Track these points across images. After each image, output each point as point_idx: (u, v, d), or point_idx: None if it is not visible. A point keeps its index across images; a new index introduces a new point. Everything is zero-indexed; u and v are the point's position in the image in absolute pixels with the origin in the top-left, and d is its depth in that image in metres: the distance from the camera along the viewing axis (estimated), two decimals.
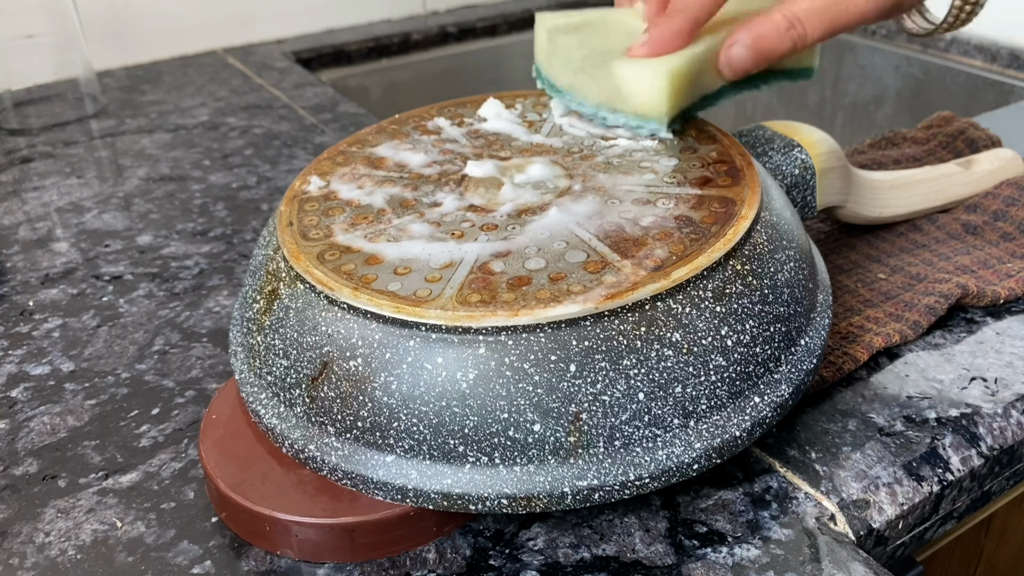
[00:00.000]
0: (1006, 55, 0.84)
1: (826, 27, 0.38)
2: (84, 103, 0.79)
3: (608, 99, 0.40)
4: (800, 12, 0.38)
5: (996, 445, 0.38)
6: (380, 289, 0.32)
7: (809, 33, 0.38)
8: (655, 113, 0.39)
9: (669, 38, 0.38)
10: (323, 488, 0.33)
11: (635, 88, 0.39)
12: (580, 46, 0.41)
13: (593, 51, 0.41)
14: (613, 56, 0.40)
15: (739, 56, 0.39)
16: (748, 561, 0.32)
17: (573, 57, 0.41)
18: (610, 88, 0.40)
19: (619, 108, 0.40)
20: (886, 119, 0.96)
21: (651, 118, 0.39)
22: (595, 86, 0.41)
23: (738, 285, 0.32)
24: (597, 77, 0.40)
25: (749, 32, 0.39)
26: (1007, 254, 0.49)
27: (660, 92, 0.38)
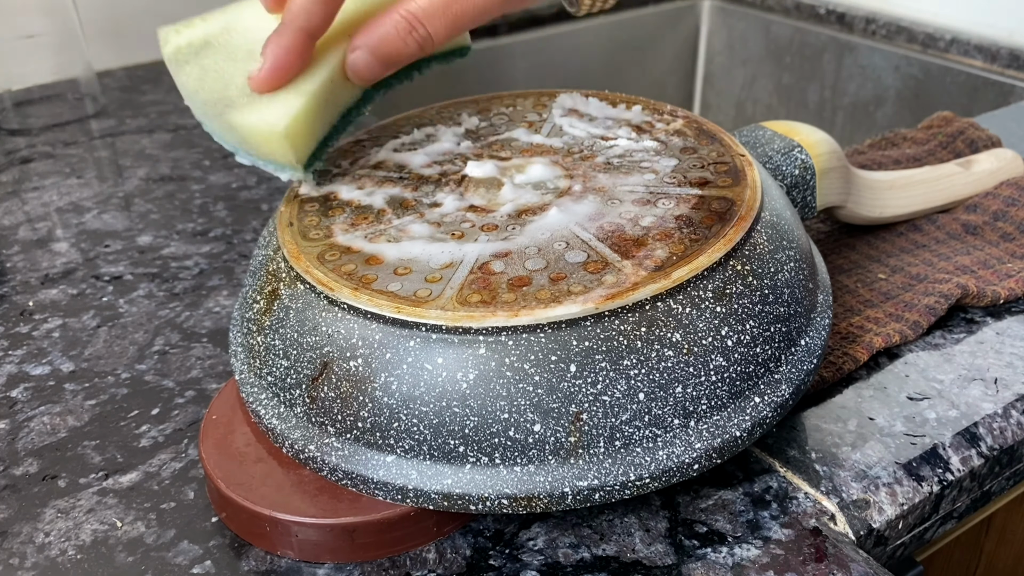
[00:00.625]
0: (1006, 55, 0.84)
1: (450, 25, 0.36)
2: (84, 103, 0.79)
3: (241, 144, 0.38)
4: (419, 12, 0.35)
5: (996, 445, 0.38)
6: (380, 289, 0.32)
7: (432, 33, 0.36)
8: (287, 161, 0.37)
9: (285, 60, 0.35)
10: (323, 488, 0.33)
11: (260, 140, 0.36)
12: (200, 85, 0.38)
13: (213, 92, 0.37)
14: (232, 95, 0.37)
15: (363, 63, 0.36)
16: (748, 561, 0.32)
17: (195, 100, 0.38)
18: (238, 136, 0.37)
19: (253, 153, 0.38)
20: (886, 119, 0.96)
21: (286, 164, 0.37)
22: (224, 131, 0.38)
23: (738, 285, 0.32)
24: (222, 125, 0.37)
25: (369, 36, 0.36)
26: (1007, 254, 0.49)
27: (284, 144, 0.36)
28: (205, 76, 0.38)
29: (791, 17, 1.04)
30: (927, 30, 0.90)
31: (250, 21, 0.39)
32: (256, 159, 0.38)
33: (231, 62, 0.38)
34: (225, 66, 0.38)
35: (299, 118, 0.36)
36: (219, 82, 0.37)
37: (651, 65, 1.15)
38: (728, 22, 1.12)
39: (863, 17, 0.95)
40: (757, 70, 1.09)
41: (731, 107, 1.15)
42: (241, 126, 0.36)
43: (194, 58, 0.38)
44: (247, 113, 0.36)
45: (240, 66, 0.37)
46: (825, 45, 1.00)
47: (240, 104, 0.36)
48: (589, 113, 0.44)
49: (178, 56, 0.38)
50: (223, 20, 0.39)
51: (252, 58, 0.37)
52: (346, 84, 0.38)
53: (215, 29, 0.39)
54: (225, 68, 0.38)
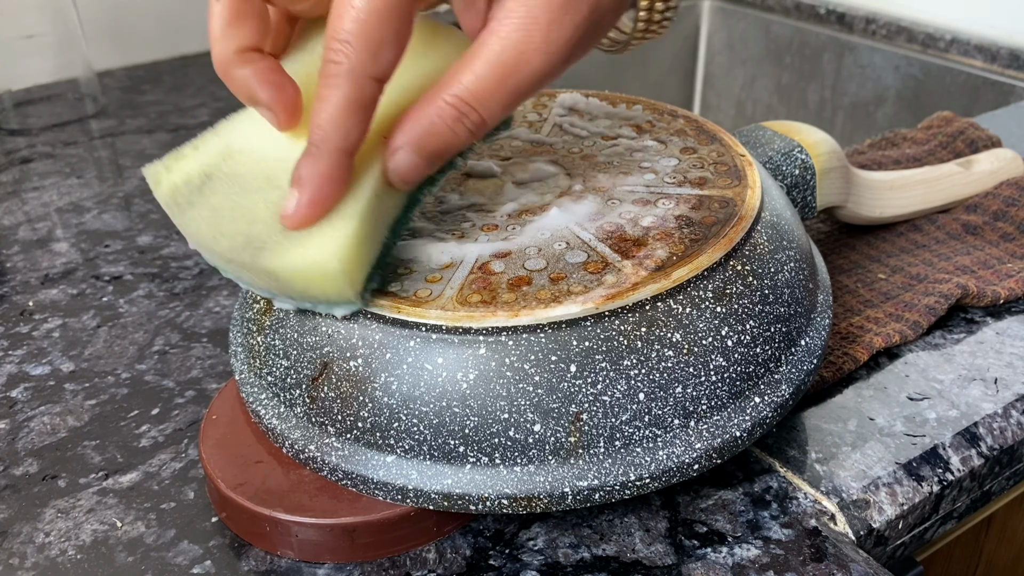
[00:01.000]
0: (1006, 55, 0.84)
1: (506, 104, 0.29)
2: (84, 103, 0.79)
3: (280, 289, 0.32)
4: (467, 94, 0.29)
5: (996, 445, 0.38)
6: (380, 289, 0.32)
7: (487, 117, 0.29)
8: (342, 298, 0.31)
9: (327, 190, 0.29)
10: (323, 488, 0.33)
11: (307, 281, 0.30)
12: (215, 229, 0.31)
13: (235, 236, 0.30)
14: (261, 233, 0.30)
15: (406, 164, 0.30)
16: (748, 561, 0.32)
17: (211, 248, 0.31)
18: (272, 282, 0.31)
19: (295, 297, 0.32)
20: (886, 119, 0.96)
21: (339, 302, 0.31)
22: (255, 277, 0.31)
23: (738, 285, 0.32)
24: (253, 272, 0.31)
25: (410, 132, 0.30)
26: (1007, 254, 0.49)
27: (340, 281, 0.30)
28: (220, 218, 0.31)
29: (791, 17, 1.04)
30: (927, 30, 0.90)
31: (254, 140, 0.32)
32: (301, 302, 0.32)
33: (246, 194, 0.31)
34: (240, 201, 0.31)
35: (352, 248, 0.29)
36: (239, 222, 0.30)
37: (651, 65, 1.15)
38: (728, 22, 1.12)
39: (863, 17, 0.95)
40: (757, 70, 1.09)
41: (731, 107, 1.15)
42: (281, 270, 0.30)
43: (199, 198, 0.31)
44: (286, 254, 0.29)
45: (259, 197, 0.30)
46: (825, 45, 1.00)
47: (273, 243, 0.30)
48: (589, 113, 0.44)
49: (177, 198, 0.32)
50: (219, 144, 0.32)
51: (273, 184, 0.30)
52: (390, 192, 0.31)
53: (213, 157, 0.32)
54: (241, 203, 0.31)
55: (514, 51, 0.29)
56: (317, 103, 0.28)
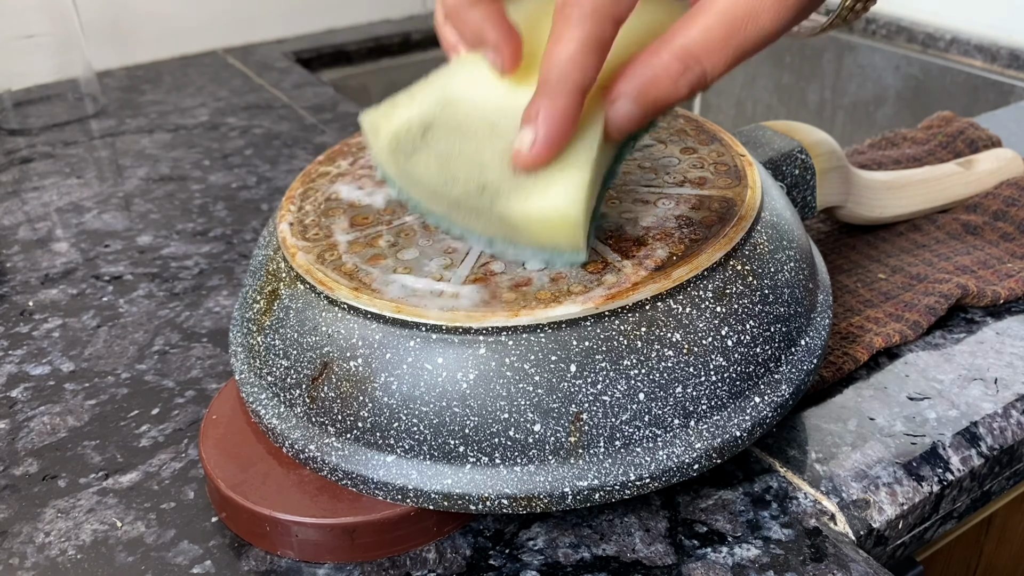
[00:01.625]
0: (1006, 55, 0.84)
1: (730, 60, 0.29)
2: (84, 103, 0.79)
3: (504, 234, 0.32)
4: (694, 47, 0.29)
5: (996, 445, 0.38)
6: (380, 289, 0.32)
7: (710, 72, 0.29)
8: (572, 247, 0.31)
9: (562, 128, 0.29)
10: (323, 488, 0.33)
11: (542, 229, 0.31)
12: (442, 174, 0.31)
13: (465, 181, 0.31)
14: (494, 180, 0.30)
15: (627, 113, 0.30)
16: (748, 561, 0.32)
17: (441, 193, 0.32)
18: (504, 228, 0.32)
19: (520, 243, 0.32)
20: (886, 119, 0.96)
21: (566, 251, 0.31)
22: (481, 222, 0.32)
23: (738, 285, 0.32)
24: (483, 217, 0.32)
25: (633, 81, 0.29)
26: (1007, 254, 0.49)
27: (574, 227, 0.30)
28: (449, 164, 0.31)
29: None
30: (927, 30, 0.90)
31: (471, 88, 0.31)
32: (522, 248, 0.32)
33: (469, 142, 0.31)
34: (465, 148, 0.31)
35: (587, 197, 0.30)
36: (469, 170, 0.31)
37: None
38: None
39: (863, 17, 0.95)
40: (757, 70, 1.09)
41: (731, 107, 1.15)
42: (519, 217, 0.30)
43: (422, 144, 0.32)
44: (524, 201, 0.30)
45: (484, 144, 0.31)
46: (825, 45, 1.00)
47: (508, 190, 0.30)
48: None
49: (401, 145, 0.32)
50: (436, 93, 0.32)
51: (496, 133, 0.30)
52: (605, 144, 0.31)
53: (431, 106, 0.32)
54: (466, 151, 0.31)
55: (744, 8, 0.29)
56: (554, 43, 0.28)
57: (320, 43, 0.96)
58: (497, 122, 0.30)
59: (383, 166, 0.34)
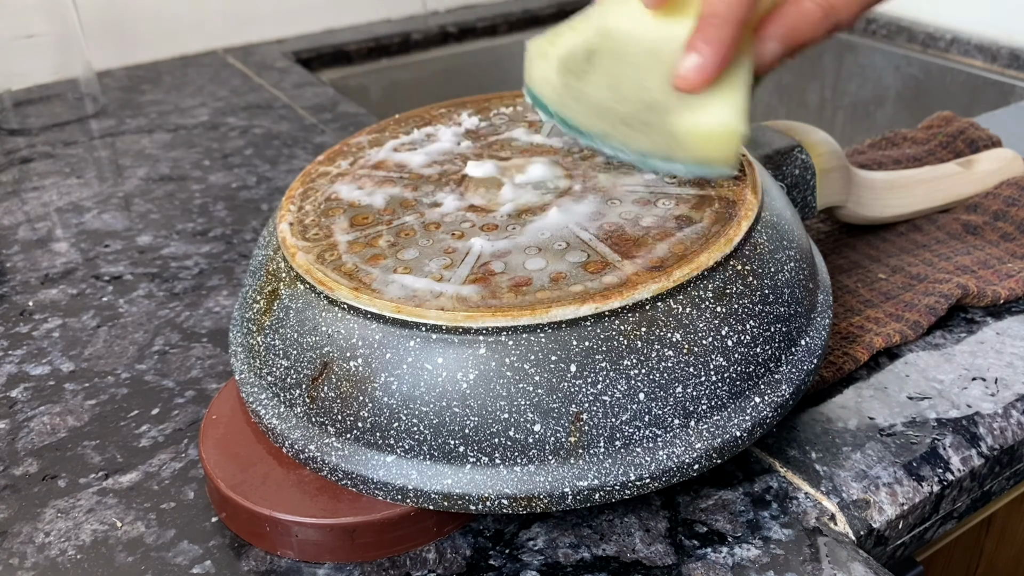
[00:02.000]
0: (1006, 55, 0.84)
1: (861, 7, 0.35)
2: (84, 103, 0.79)
3: (662, 149, 0.36)
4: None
5: (996, 445, 0.38)
6: (380, 289, 0.32)
7: (845, 18, 0.35)
8: (728, 160, 0.35)
9: (726, 54, 0.33)
10: (323, 488, 0.33)
11: (706, 142, 0.35)
12: (613, 93, 0.36)
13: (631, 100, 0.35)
14: (660, 99, 0.35)
15: (772, 52, 0.35)
16: (748, 561, 0.32)
17: (610, 109, 0.36)
18: (668, 142, 0.36)
19: (676, 157, 0.36)
20: (886, 119, 0.96)
21: (721, 164, 0.36)
22: (643, 138, 0.36)
23: (739, 285, 0.32)
24: (651, 132, 0.36)
25: (781, 25, 0.35)
26: (1007, 254, 0.49)
27: (736, 141, 0.35)
28: (619, 87, 0.35)
29: None
30: (927, 30, 0.90)
31: (627, 21, 0.35)
32: (676, 163, 0.36)
33: (634, 67, 0.35)
34: (628, 72, 0.35)
35: (745, 115, 0.34)
36: (634, 90, 0.35)
37: None
38: None
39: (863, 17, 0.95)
40: None
41: None
42: (687, 130, 0.34)
43: (588, 68, 0.36)
44: (692, 116, 0.34)
45: (645, 69, 0.35)
46: (825, 45, 1.00)
47: (673, 108, 0.35)
48: None
49: (570, 67, 0.36)
50: (595, 25, 0.36)
51: (656, 60, 0.34)
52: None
53: (592, 35, 0.36)
54: (629, 74, 0.35)
55: None
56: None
57: (320, 43, 0.96)
58: (657, 49, 0.34)
59: (539, 90, 0.38)
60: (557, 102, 0.38)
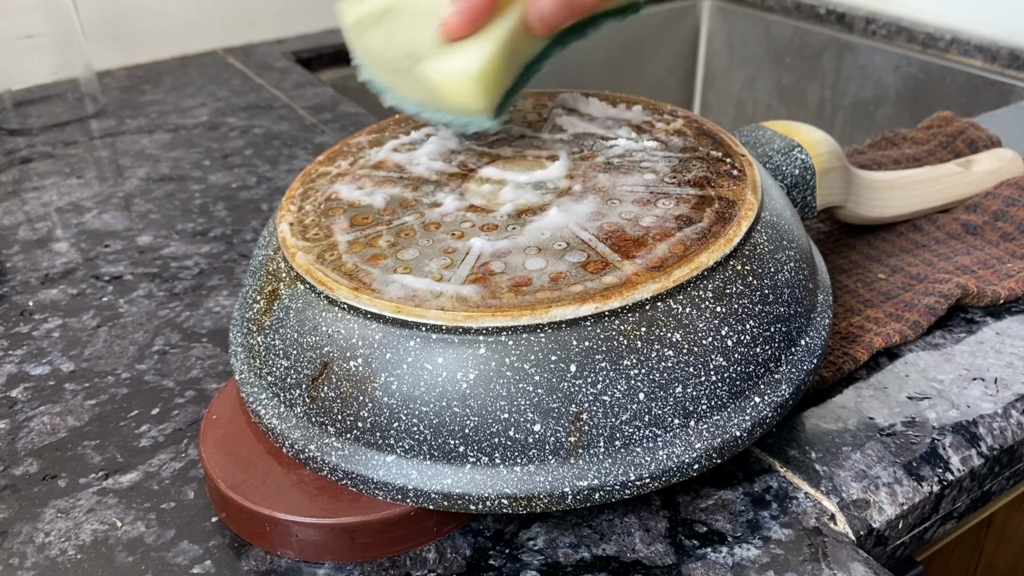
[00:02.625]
0: (1006, 55, 0.84)
1: None
2: (84, 103, 0.79)
3: (428, 99, 0.39)
4: None
5: (996, 445, 0.38)
6: (380, 289, 0.32)
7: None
8: (478, 109, 0.37)
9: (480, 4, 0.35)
10: (323, 488, 0.33)
11: (450, 89, 0.37)
12: (387, 44, 0.39)
13: (401, 48, 0.38)
14: (422, 48, 0.38)
15: (549, 8, 0.36)
16: (748, 561, 0.32)
17: (384, 58, 0.39)
18: (427, 89, 0.38)
19: (440, 108, 0.39)
20: (886, 119, 0.96)
21: (475, 114, 0.38)
22: (412, 87, 0.39)
23: (738, 285, 0.32)
24: (411, 79, 0.39)
25: None
26: (1007, 254, 0.49)
27: (477, 88, 0.37)
28: (391, 37, 0.39)
29: (791, 17, 1.04)
30: (927, 30, 0.90)
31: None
32: (443, 113, 0.39)
33: (414, 22, 0.38)
34: (409, 26, 0.38)
35: (490, 63, 0.36)
36: (406, 40, 0.38)
37: (651, 65, 1.15)
38: (728, 22, 1.12)
39: (863, 17, 0.95)
40: (757, 70, 1.09)
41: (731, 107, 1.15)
42: (432, 76, 0.37)
43: (377, 23, 0.39)
44: (438, 63, 0.37)
45: (424, 24, 0.38)
46: (825, 45, 1.00)
47: (429, 56, 0.37)
48: (589, 113, 0.44)
49: (361, 23, 0.39)
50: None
51: (434, 17, 0.37)
52: (528, 36, 0.38)
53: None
54: (410, 28, 0.38)
55: None
56: None
57: (320, 43, 0.96)
58: (439, 9, 0.37)
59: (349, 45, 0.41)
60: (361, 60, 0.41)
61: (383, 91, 0.41)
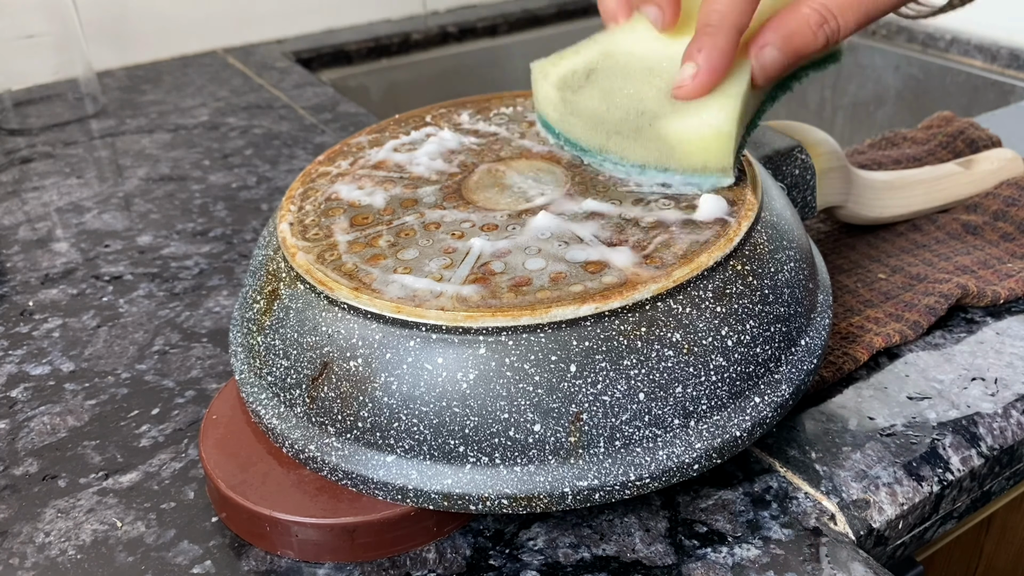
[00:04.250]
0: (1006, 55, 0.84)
1: (861, 17, 0.36)
2: (84, 103, 0.79)
3: (657, 159, 0.36)
4: (832, 5, 0.35)
5: (996, 445, 0.38)
6: (380, 289, 0.32)
7: (843, 26, 0.36)
8: (721, 167, 0.36)
9: (721, 62, 0.34)
10: (323, 488, 0.33)
11: (698, 147, 0.35)
12: (605, 103, 0.37)
13: (624, 108, 0.36)
14: (652, 107, 0.36)
15: (772, 59, 0.35)
16: (748, 561, 0.32)
17: (603, 119, 0.37)
18: (660, 148, 0.36)
19: (672, 167, 0.36)
20: (886, 119, 0.96)
21: (714, 172, 0.36)
22: (638, 147, 0.37)
23: (738, 285, 0.32)
24: (641, 139, 0.36)
25: (779, 31, 0.35)
26: (1007, 254, 0.49)
27: (727, 144, 0.35)
28: (611, 97, 0.37)
29: None
30: (927, 30, 0.90)
31: (629, 43, 0.38)
32: (672, 173, 0.36)
33: (629, 82, 0.37)
34: (625, 86, 0.37)
35: (738, 119, 0.35)
36: (630, 99, 0.36)
37: None
38: None
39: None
40: None
41: None
42: (675, 134, 0.35)
43: (586, 83, 0.38)
44: (680, 120, 0.35)
45: (643, 82, 0.36)
46: None
47: (664, 114, 0.35)
48: None
49: (568, 82, 0.38)
50: (597, 48, 0.39)
51: (653, 75, 0.36)
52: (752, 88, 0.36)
53: (594, 56, 0.38)
54: (626, 88, 0.37)
55: None
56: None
57: (320, 43, 0.96)
58: (656, 66, 0.37)
59: (543, 108, 0.40)
60: (558, 120, 0.39)
61: (587, 153, 0.39)
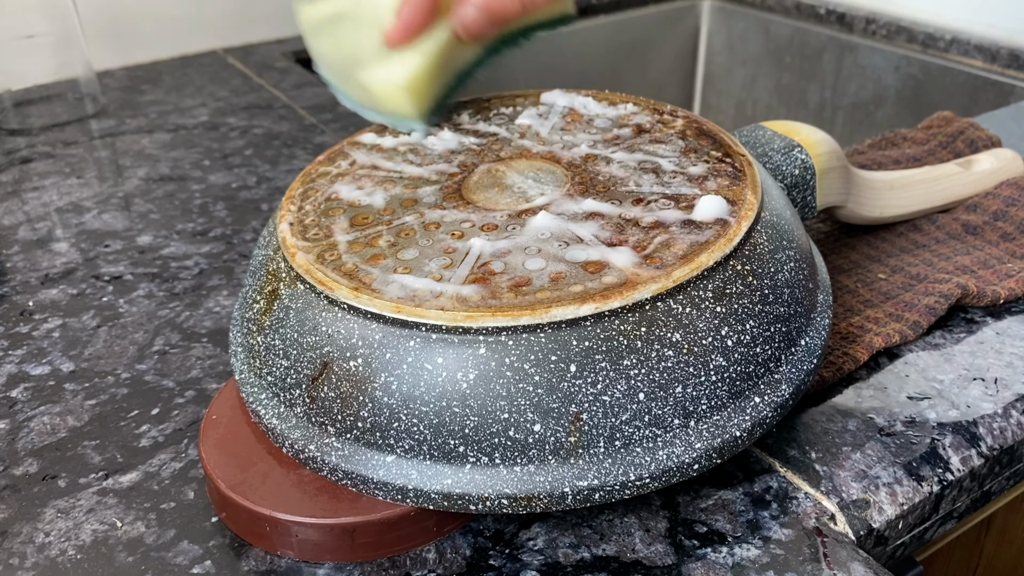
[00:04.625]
0: (1006, 55, 0.84)
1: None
2: (84, 103, 0.79)
3: (367, 101, 0.43)
4: None
5: (996, 445, 0.38)
6: (380, 289, 0.32)
7: None
8: (409, 114, 0.42)
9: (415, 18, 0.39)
10: (323, 488, 0.33)
11: (384, 95, 0.42)
12: (335, 48, 0.43)
13: (346, 53, 0.42)
14: (364, 55, 0.41)
15: (472, 18, 0.40)
16: (748, 561, 0.32)
17: (332, 62, 0.44)
18: (365, 93, 0.43)
19: (377, 109, 0.43)
20: (886, 119, 0.96)
21: (408, 118, 0.42)
22: (353, 88, 0.43)
23: (738, 285, 0.32)
24: (352, 83, 0.43)
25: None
26: (1007, 254, 0.49)
27: (406, 98, 0.41)
28: (339, 43, 0.43)
29: (791, 17, 1.04)
30: (927, 30, 0.90)
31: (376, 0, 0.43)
32: (381, 114, 0.43)
33: (360, 30, 0.41)
34: (355, 34, 0.42)
35: (419, 75, 0.40)
36: (351, 47, 0.42)
37: (651, 65, 1.15)
38: (728, 22, 1.12)
39: (863, 17, 0.95)
40: (757, 70, 1.09)
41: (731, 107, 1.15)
42: (369, 83, 0.42)
43: (328, 27, 0.43)
44: (374, 71, 0.41)
45: (368, 33, 0.41)
46: (825, 45, 1.00)
47: (369, 64, 0.41)
48: (589, 113, 0.44)
49: (314, 25, 0.43)
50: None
51: (377, 26, 0.41)
52: (463, 45, 0.42)
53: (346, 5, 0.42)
54: (355, 34, 0.42)
55: None
56: None
57: None
58: (383, 21, 0.41)
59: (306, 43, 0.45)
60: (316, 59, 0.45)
61: (336, 91, 0.45)
